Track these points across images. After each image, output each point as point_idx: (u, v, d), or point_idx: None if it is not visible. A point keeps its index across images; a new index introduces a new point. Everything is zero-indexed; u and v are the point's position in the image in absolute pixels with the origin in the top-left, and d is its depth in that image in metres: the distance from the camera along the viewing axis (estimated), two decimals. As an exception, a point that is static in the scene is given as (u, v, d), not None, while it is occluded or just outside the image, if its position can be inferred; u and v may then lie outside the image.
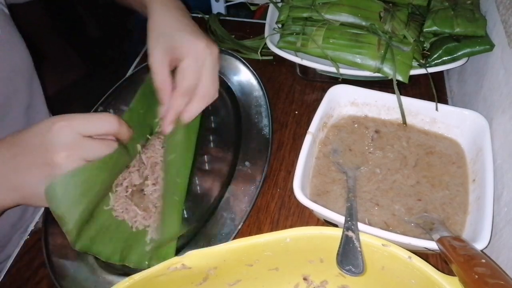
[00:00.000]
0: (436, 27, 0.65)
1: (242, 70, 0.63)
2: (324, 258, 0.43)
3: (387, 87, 0.61)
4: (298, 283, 0.45)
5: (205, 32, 0.82)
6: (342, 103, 0.60)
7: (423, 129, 0.59)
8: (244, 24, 0.87)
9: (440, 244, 0.41)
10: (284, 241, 0.41)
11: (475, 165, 0.53)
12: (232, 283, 0.44)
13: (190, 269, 0.40)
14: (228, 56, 0.64)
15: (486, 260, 0.36)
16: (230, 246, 0.40)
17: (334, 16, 0.68)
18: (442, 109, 0.57)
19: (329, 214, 0.46)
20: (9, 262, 0.53)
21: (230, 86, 0.63)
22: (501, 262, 0.46)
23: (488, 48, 0.61)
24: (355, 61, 0.65)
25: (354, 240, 0.40)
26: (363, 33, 0.66)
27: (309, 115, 0.68)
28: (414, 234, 0.48)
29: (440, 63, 0.65)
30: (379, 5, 0.68)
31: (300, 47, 0.67)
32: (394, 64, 0.63)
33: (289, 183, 0.59)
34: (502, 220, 0.47)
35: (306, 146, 0.52)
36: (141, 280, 0.38)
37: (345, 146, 0.58)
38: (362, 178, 0.54)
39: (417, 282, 0.39)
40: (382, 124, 0.60)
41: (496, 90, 0.56)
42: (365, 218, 0.50)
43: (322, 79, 0.73)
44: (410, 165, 0.55)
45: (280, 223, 0.56)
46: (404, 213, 0.50)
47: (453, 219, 0.50)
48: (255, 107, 0.60)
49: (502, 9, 0.58)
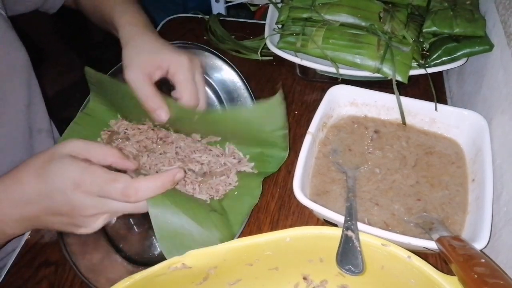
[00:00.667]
0: (436, 28, 0.65)
1: (226, 69, 0.64)
2: (324, 257, 0.43)
3: (387, 87, 0.62)
4: (298, 282, 0.45)
5: (205, 32, 0.83)
6: (341, 103, 0.60)
7: (423, 129, 0.59)
8: (244, 24, 0.87)
9: (440, 244, 0.41)
10: (284, 240, 0.41)
11: (475, 165, 0.53)
12: (232, 282, 0.44)
13: (190, 268, 0.40)
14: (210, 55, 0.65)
15: (485, 259, 0.36)
16: (230, 246, 0.40)
17: (334, 16, 0.68)
18: (442, 109, 0.57)
19: (328, 214, 0.46)
20: (9, 262, 0.53)
21: (216, 89, 0.64)
22: (500, 261, 0.46)
23: (487, 49, 0.61)
24: (355, 62, 0.65)
25: (354, 239, 0.40)
26: (363, 33, 0.66)
27: (309, 115, 0.68)
28: (413, 233, 0.48)
29: (440, 64, 0.65)
30: (379, 6, 0.68)
31: (300, 47, 0.68)
32: (393, 64, 0.63)
33: (289, 183, 0.59)
34: (501, 220, 0.47)
35: (306, 146, 0.53)
36: (141, 279, 0.38)
37: (344, 146, 0.58)
38: (362, 178, 0.54)
39: (417, 281, 0.39)
40: (381, 124, 0.60)
41: (496, 90, 0.56)
42: (364, 218, 0.50)
43: (322, 79, 0.73)
44: (409, 165, 0.55)
45: (280, 223, 0.56)
46: (403, 213, 0.50)
47: (452, 219, 0.50)
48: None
49: (501, 9, 0.58)
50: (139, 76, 0.51)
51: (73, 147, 0.43)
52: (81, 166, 0.41)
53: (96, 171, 0.41)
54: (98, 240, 0.52)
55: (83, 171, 0.41)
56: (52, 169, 0.42)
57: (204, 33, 0.83)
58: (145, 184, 0.42)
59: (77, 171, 0.41)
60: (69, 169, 0.41)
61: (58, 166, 0.42)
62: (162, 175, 0.43)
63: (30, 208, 0.43)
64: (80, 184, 0.41)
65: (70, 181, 0.41)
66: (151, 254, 0.51)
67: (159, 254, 0.51)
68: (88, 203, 0.42)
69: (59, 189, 0.41)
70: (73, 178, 0.41)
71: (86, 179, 0.41)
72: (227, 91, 0.63)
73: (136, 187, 0.41)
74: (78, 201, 0.41)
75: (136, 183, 0.41)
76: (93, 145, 0.45)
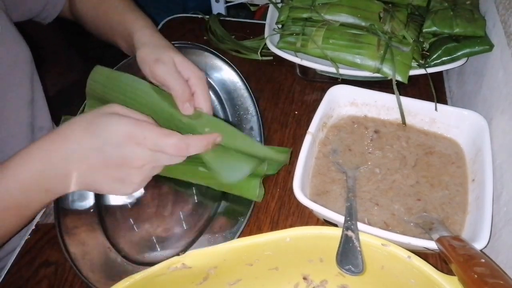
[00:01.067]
0: (436, 28, 0.65)
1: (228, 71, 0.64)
2: (324, 257, 0.43)
3: (387, 87, 0.62)
4: (298, 282, 0.45)
5: (205, 32, 0.83)
6: (341, 103, 0.60)
7: (423, 129, 0.59)
8: (244, 24, 0.87)
9: (440, 244, 0.41)
10: (284, 240, 0.41)
11: (475, 165, 0.53)
12: (232, 282, 0.44)
13: (190, 268, 0.40)
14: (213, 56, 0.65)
15: (485, 259, 0.36)
16: (230, 246, 0.40)
17: (334, 16, 0.68)
18: (442, 109, 0.57)
19: (328, 214, 0.46)
20: (10, 262, 0.53)
21: (217, 91, 0.64)
22: (500, 261, 0.46)
23: (487, 49, 0.61)
24: (355, 62, 0.65)
25: (354, 239, 0.40)
26: (363, 33, 0.66)
27: (309, 115, 0.68)
28: (413, 233, 0.48)
29: (440, 64, 0.65)
30: (379, 6, 0.68)
31: (300, 47, 0.68)
32: (393, 64, 0.63)
33: (289, 183, 0.59)
34: (501, 220, 0.47)
35: (306, 146, 0.53)
36: (141, 279, 0.38)
37: (344, 146, 0.58)
38: (362, 178, 0.54)
39: (417, 281, 0.39)
40: (381, 124, 0.60)
41: (496, 90, 0.56)
42: (364, 218, 0.50)
43: (322, 79, 0.73)
44: (409, 165, 0.55)
45: (280, 223, 0.56)
46: (403, 213, 0.50)
47: (452, 219, 0.50)
48: (242, 108, 0.63)
49: (501, 9, 0.58)
50: (172, 67, 0.52)
51: (117, 108, 0.45)
52: (132, 120, 0.44)
53: (148, 125, 0.44)
54: (98, 240, 0.52)
55: (135, 124, 0.43)
56: (103, 124, 0.43)
57: (204, 33, 0.83)
58: (194, 141, 0.46)
59: (129, 125, 0.43)
60: (120, 122, 0.43)
61: (109, 121, 0.43)
62: (206, 136, 0.48)
63: (81, 163, 0.44)
64: (133, 136, 0.43)
65: (123, 134, 0.43)
66: (151, 254, 0.51)
67: (159, 254, 0.51)
68: (139, 154, 0.44)
69: (112, 141, 0.43)
70: (126, 131, 0.43)
71: (138, 132, 0.43)
72: (227, 91, 0.63)
73: (188, 142, 0.45)
74: (130, 151, 0.43)
75: (187, 139, 0.46)
76: (134, 111, 0.47)
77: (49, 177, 0.44)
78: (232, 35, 0.82)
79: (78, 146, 0.43)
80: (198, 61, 0.62)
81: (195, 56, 0.64)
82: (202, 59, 0.64)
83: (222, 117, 0.63)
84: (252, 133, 0.61)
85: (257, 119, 0.61)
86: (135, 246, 0.52)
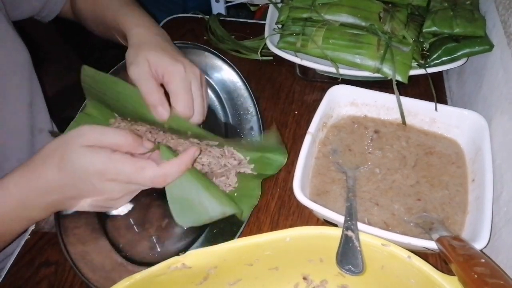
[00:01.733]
0: (436, 28, 0.65)
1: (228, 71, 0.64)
2: (323, 257, 0.43)
3: (387, 87, 0.62)
4: (298, 282, 0.45)
5: (205, 32, 0.83)
6: (341, 103, 0.60)
7: (423, 129, 0.59)
8: (244, 24, 0.87)
9: (440, 244, 0.41)
10: (284, 240, 0.41)
11: (475, 165, 0.53)
12: (232, 282, 0.44)
13: (191, 268, 0.40)
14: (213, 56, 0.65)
15: (485, 259, 0.36)
16: (230, 246, 0.40)
17: (334, 16, 0.68)
18: (442, 109, 0.57)
19: (328, 214, 0.46)
20: (10, 262, 0.53)
21: (217, 91, 0.64)
22: (500, 261, 0.46)
23: (487, 49, 0.61)
24: (355, 62, 0.65)
25: (354, 239, 0.40)
26: (363, 33, 0.66)
27: (309, 115, 0.68)
28: (413, 233, 0.48)
29: (440, 63, 0.65)
30: (379, 6, 0.68)
31: (300, 47, 0.68)
32: (393, 64, 0.63)
33: (289, 183, 0.59)
34: (501, 220, 0.47)
35: (306, 146, 0.53)
36: (141, 279, 0.38)
37: (344, 146, 0.58)
38: (362, 178, 0.54)
39: (417, 281, 0.39)
40: (381, 124, 0.60)
41: (496, 90, 0.56)
42: (364, 218, 0.50)
43: (321, 79, 0.73)
44: (409, 165, 0.55)
45: (280, 223, 0.56)
46: (403, 213, 0.50)
47: (452, 219, 0.50)
48: (242, 108, 0.63)
49: (501, 9, 0.58)
50: (144, 70, 0.51)
51: (87, 138, 0.43)
52: (103, 156, 0.42)
53: (120, 159, 0.43)
54: (98, 240, 0.52)
55: (108, 160, 0.42)
56: (73, 162, 0.42)
57: (204, 33, 0.83)
58: (171, 169, 0.44)
59: (101, 162, 0.42)
60: (91, 160, 0.42)
61: (79, 159, 0.42)
62: (182, 156, 0.46)
63: (55, 196, 0.44)
64: (106, 173, 0.42)
65: (95, 171, 0.42)
66: (151, 254, 0.51)
67: (159, 254, 0.51)
68: (115, 188, 0.44)
69: (85, 179, 0.43)
70: (98, 168, 0.42)
71: (111, 168, 0.42)
72: (227, 91, 0.63)
73: (164, 173, 0.44)
74: (106, 188, 0.43)
75: (163, 169, 0.44)
76: (107, 133, 0.44)
77: (29, 209, 0.45)
78: (232, 35, 0.82)
79: (53, 183, 0.44)
80: (198, 61, 0.62)
81: (195, 56, 0.64)
82: (202, 59, 0.64)
83: (222, 117, 0.63)
84: (252, 133, 0.61)
85: (257, 119, 0.61)
86: (135, 246, 0.52)
